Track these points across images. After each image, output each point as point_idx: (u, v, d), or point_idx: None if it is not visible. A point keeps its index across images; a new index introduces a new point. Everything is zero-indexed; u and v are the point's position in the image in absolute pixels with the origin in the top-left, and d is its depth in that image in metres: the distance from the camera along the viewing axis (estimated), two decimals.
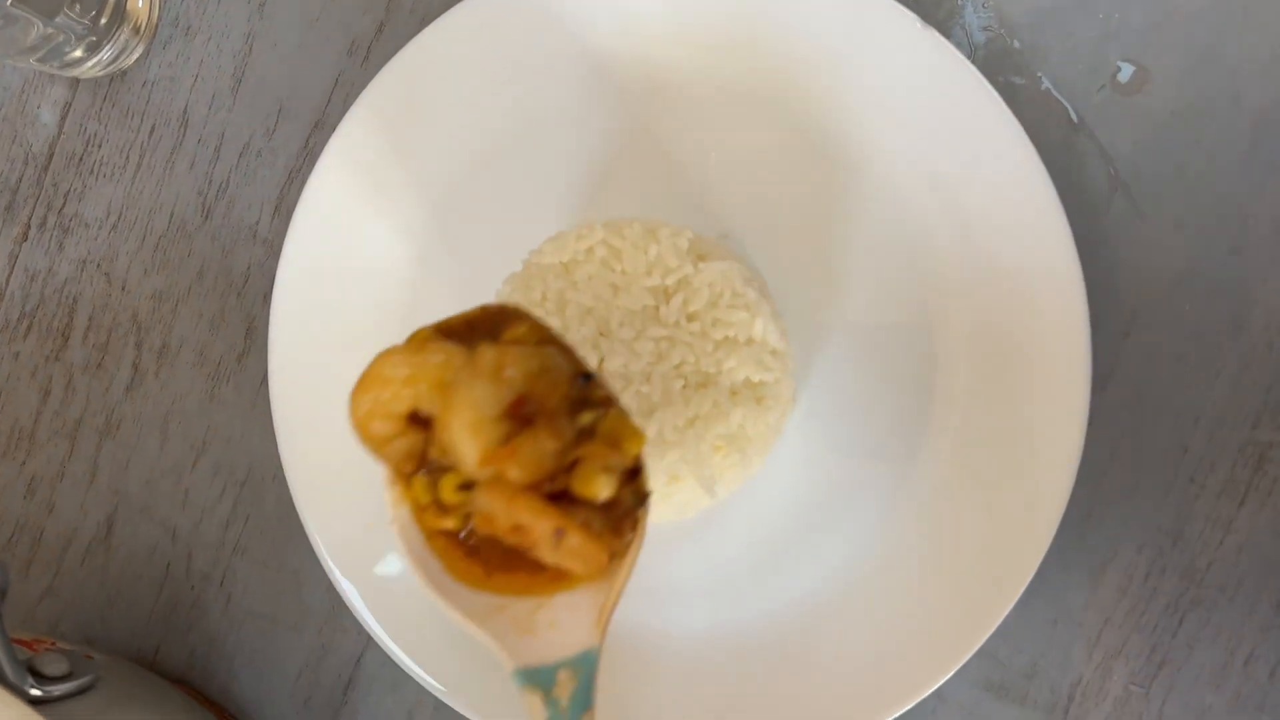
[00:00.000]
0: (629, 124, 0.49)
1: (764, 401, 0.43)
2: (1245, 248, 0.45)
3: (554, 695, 0.33)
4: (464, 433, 0.32)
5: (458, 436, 0.32)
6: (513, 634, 0.34)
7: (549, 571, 0.34)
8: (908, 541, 0.47)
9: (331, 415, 0.50)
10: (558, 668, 0.34)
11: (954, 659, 0.45)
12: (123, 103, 0.55)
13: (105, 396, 0.55)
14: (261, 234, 0.54)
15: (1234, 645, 0.45)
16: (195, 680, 0.54)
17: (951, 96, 0.45)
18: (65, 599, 0.56)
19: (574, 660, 0.34)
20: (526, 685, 0.33)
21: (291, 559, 0.53)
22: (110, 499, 0.55)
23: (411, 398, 0.34)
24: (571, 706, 0.33)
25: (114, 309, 0.55)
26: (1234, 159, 0.45)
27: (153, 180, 0.55)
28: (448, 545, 0.35)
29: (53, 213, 0.56)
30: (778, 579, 0.48)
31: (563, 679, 0.33)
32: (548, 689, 0.33)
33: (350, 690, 0.53)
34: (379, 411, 0.34)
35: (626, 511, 0.34)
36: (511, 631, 0.34)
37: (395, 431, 0.34)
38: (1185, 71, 0.46)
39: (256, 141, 0.54)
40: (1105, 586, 0.46)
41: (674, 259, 0.42)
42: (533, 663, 0.33)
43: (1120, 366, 0.46)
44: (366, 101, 0.49)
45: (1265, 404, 0.45)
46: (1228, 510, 0.45)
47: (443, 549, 0.35)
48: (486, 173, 0.50)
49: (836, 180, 0.47)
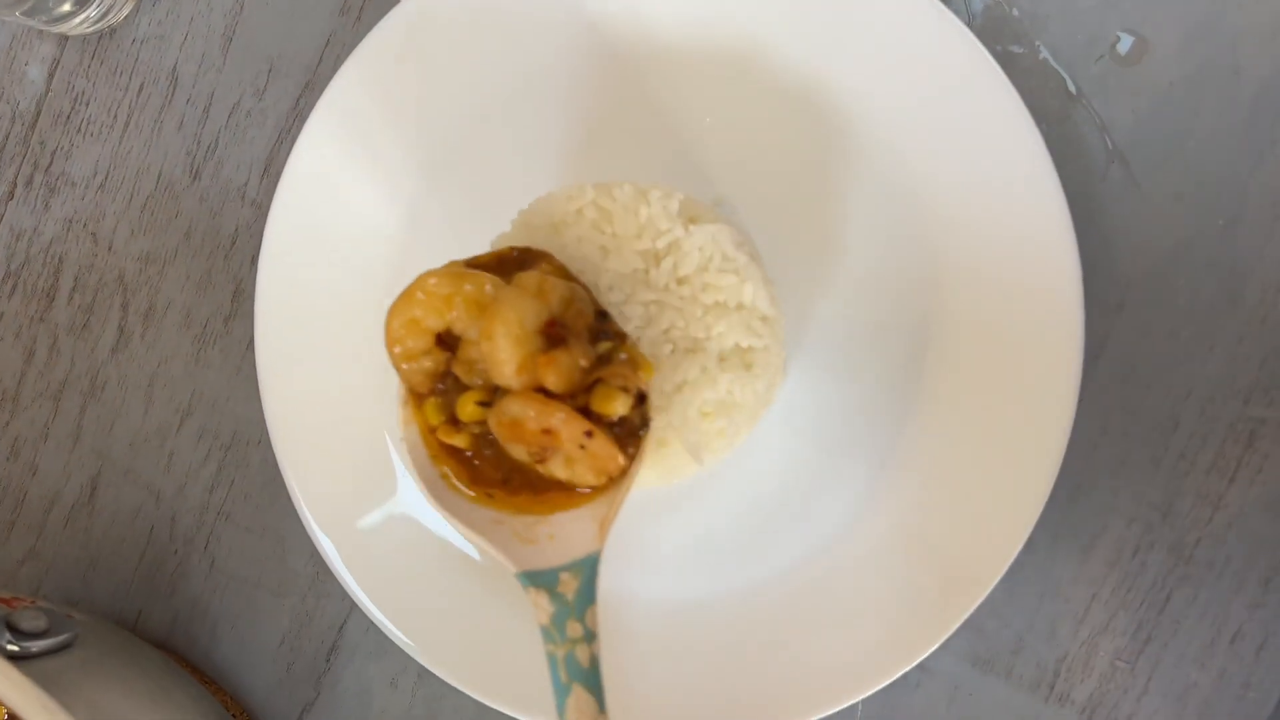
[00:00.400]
0: (623, 86, 0.48)
1: (753, 368, 0.42)
2: (1241, 221, 0.44)
3: (559, 591, 0.36)
4: (508, 340, 0.36)
5: (501, 344, 0.36)
6: (515, 543, 0.37)
7: (551, 494, 0.38)
8: (895, 513, 0.46)
9: (317, 379, 0.50)
10: (559, 570, 0.36)
11: (940, 631, 0.44)
12: (111, 60, 0.54)
13: (90, 358, 0.55)
14: (250, 195, 0.53)
15: (1221, 623, 0.44)
16: (177, 645, 0.54)
17: (949, 64, 0.44)
18: (47, 561, 0.55)
19: (575, 564, 0.36)
20: (531, 585, 0.36)
21: (276, 524, 0.53)
22: (94, 461, 0.55)
23: (447, 317, 0.37)
24: (577, 601, 0.36)
25: (100, 270, 0.55)
26: (1232, 131, 0.45)
27: (141, 140, 0.54)
28: (455, 464, 0.38)
29: (39, 171, 0.55)
30: (764, 549, 0.48)
31: (565, 579, 0.36)
32: (552, 588, 0.36)
33: (333, 656, 0.52)
34: (414, 328, 0.37)
35: (632, 431, 0.37)
36: (513, 541, 0.37)
37: (425, 348, 0.38)
38: (1184, 43, 0.45)
39: (246, 101, 0.53)
40: (1093, 561, 0.46)
41: (664, 221, 0.42)
42: (536, 567, 0.36)
43: (1113, 339, 0.46)
44: (357, 61, 0.49)
45: (1258, 380, 0.44)
46: (1217, 486, 0.44)
47: (451, 467, 0.38)
48: (478, 133, 0.49)
49: (832, 148, 0.47)
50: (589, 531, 0.37)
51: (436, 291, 0.37)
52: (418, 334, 0.38)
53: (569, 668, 0.35)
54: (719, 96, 0.48)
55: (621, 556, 0.49)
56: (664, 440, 0.42)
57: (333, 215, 0.50)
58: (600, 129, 0.49)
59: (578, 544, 0.37)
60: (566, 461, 0.37)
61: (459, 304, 0.37)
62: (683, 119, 0.48)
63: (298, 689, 0.53)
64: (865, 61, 0.46)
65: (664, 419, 0.42)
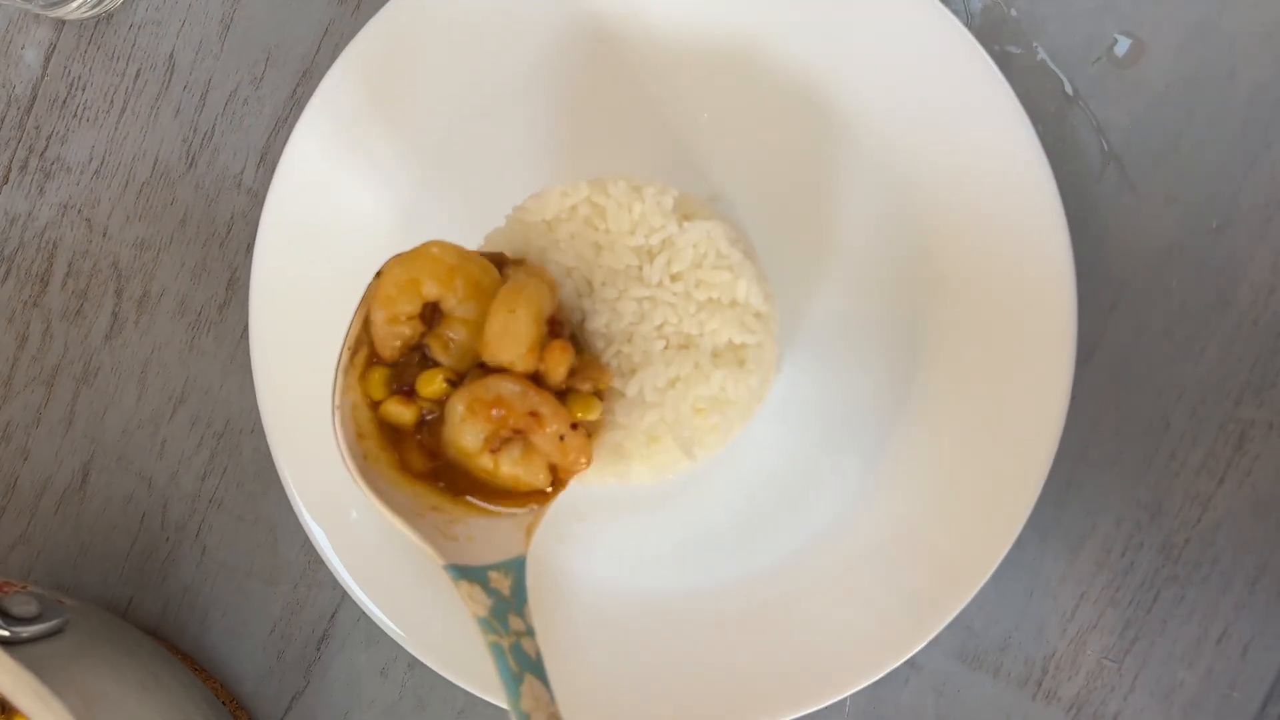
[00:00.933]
0: (620, 82, 0.48)
1: (746, 364, 0.43)
2: (1234, 223, 0.45)
3: (493, 587, 0.36)
4: (529, 319, 0.37)
5: (522, 321, 0.37)
6: (438, 536, 0.37)
7: (467, 494, 0.38)
8: (886, 510, 0.46)
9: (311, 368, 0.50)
10: (488, 569, 0.36)
11: (929, 628, 0.44)
12: (108, 45, 0.54)
13: (84, 344, 0.55)
14: (246, 183, 0.53)
15: (1208, 622, 0.45)
16: (168, 632, 0.54)
17: (946, 64, 0.44)
18: (38, 547, 0.55)
19: (504, 564, 0.37)
20: (462, 579, 0.36)
21: (268, 513, 0.53)
22: (86, 447, 0.55)
23: (447, 286, 0.38)
24: (514, 597, 0.36)
25: (94, 255, 0.55)
26: (1226, 134, 0.45)
27: (137, 126, 0.54)
28: (381, 446, 0.38)
29: (34, 155, 0.55)
30: (755, 545, 0.48)
31: (495, 577, 0.36)
32: (484, 583, 0.36)
33: (324, 645, 0.53)
34: (410, 289, 0.38)
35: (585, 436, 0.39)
36: (437, 534, 0.37)
37: (410, 314, 0.38)
38: (1181, 45, 0.45)
39: (243, 89, 0.53)
40: (1082, 560, 0.46)
41: (658, 218, 0.42)
42: (464, 563, 0.36)
43: (1105, 339, 0.46)
44: (355, 51, 0.49)
45: (1249, 381, 0.44)
46: (1207, 487, 0.45)
47: (376, 446, 0.38)
48: (474, 126, 0.49)
49: (828, 145, 0.47)
50: (514, 537, 0.37)
51: (443, 259, 0.38)
52: (410, 297, 0.38)
53: (517, 658, 0.35)
54: (716, 93, 0.48)
55: (612, 551, 0.49)
56: (656, 436, 0.42)
57: (328, 205, 0.50)
58: (597, 124, 0.49)
59: (502, 547, 0.37)
60: (523, 455, 0.38)
61: (460, 278, 0.38)
62: (679, 115, 0.48)
63: (288, 677, 0.53)
64: (863, 60, 0.46)
65: (657, 414, 0.42)
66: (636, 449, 0.43)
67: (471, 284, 0.38)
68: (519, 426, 0.37)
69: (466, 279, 0.38)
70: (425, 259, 0.38)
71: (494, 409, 0.37)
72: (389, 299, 0.38)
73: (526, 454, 0.38)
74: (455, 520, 0.38)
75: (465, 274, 0.38)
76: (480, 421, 0.37)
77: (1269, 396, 0.44)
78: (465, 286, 0.38)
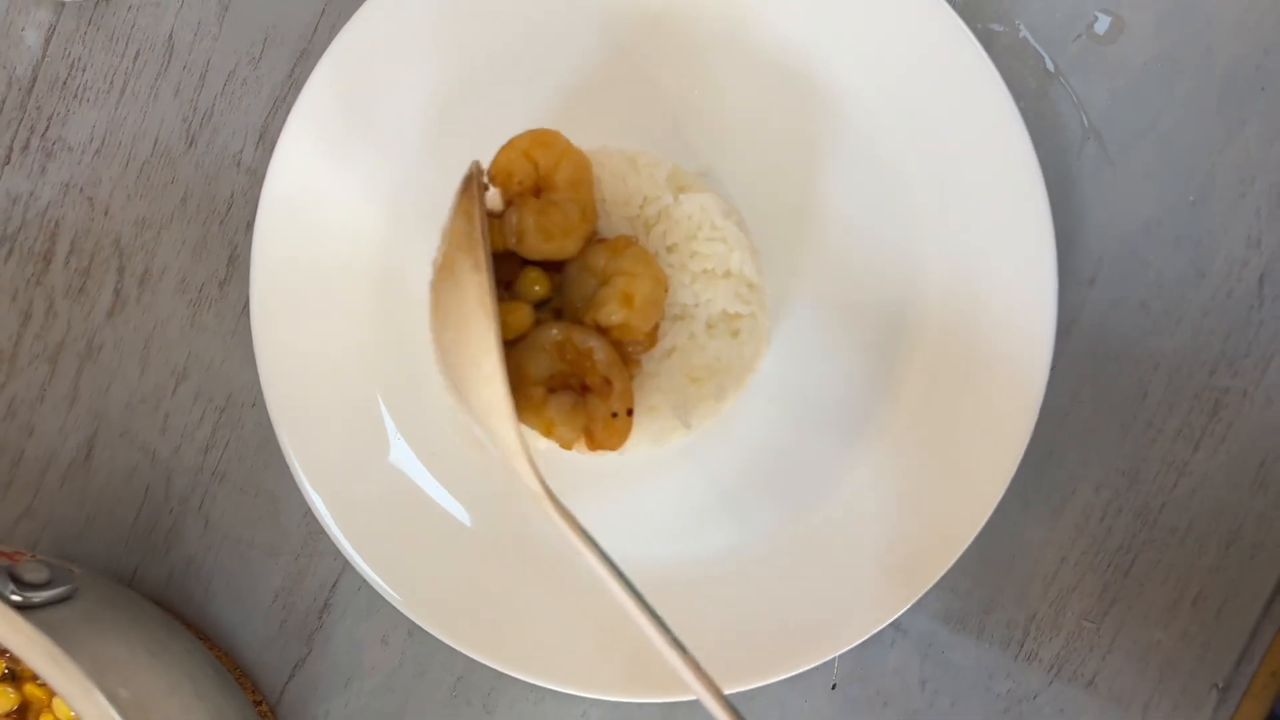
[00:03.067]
0: (615, 56, 0.49)
1: (739, 335, 0.44)
2: (1209, 198, 0.46)
3: None
4: (660, 302, 0.41)
5: (656, 301, 0.41)
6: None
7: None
8: (873, 477, 0.48)
9: (311, 342, 0.51)
10: None
11: (914, 591, 0.46)
12: (107, 26, 0.55)
13: (86, 321, 0.56)
14: (245, 162, 0.54)
15: (1183, 585, 0.46)
16: (173, 602, 0.55)
17: (931, 42, 0.46)
18: (43, 519, 0.56)
19: None
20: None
21: (269, 485, 0.54)
22: (90, 422, 0.56)
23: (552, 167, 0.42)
24: None
25: (96, 234, 0.55)
26: (1203, 110, 0.46)
27: (137, 106, 0.55)
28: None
29: (36, 136, 0.56)
30: (746, 513, 0.49)
31: None
32: None
33: (325, 615, 0.54)
34: (525, 161, 0.42)
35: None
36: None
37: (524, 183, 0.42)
38: (1160, 23, 0.46)
39: (242, 69, 0.54)
40: (1063, 525, 0.47)
41: (652, 189, 0.43)
42: None
43: (1085, 312, 0.47)
44: (351, 31, 0.49)
45: (1223, 351, 0.46)
46: (1183, 454, 0.46)
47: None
48: (472, 99, 0.50)
49: (816, 123, 0.48)
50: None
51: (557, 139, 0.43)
52: (524, 169, 0.42)
53: None
54: (706, 70, 0.49)
55: (608, 519, 0.50)
56: (654, 406, 0.43)
57: (327, 182, 0.51)
58: (595, 98, 0.50)
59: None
60: (573, 409, 0.40)
61: (567, 162, 0.42)
62: (670, 92, 0.49)
63: (290, 646, 0.54)
64: (850, 38, 0.47)
65: (653, 384, 0.43)
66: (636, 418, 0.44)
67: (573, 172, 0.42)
68: (589, 384, 0.40)
69: (573, 164, 0.42)
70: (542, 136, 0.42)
71: (580, 358, 0.40)
72: (504, 170, 0.42)
73: (574, 410, 0.40)
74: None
75: (573, 159, 0.42)
76: (558, 362, 0.40)
77: (1242, 366, 0.46)
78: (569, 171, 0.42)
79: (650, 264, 0.41)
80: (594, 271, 0.41)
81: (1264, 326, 0.46)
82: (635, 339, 0.41)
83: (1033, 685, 0.47)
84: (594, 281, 0.41)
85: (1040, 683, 0.47)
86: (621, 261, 0.41)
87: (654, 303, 0.41)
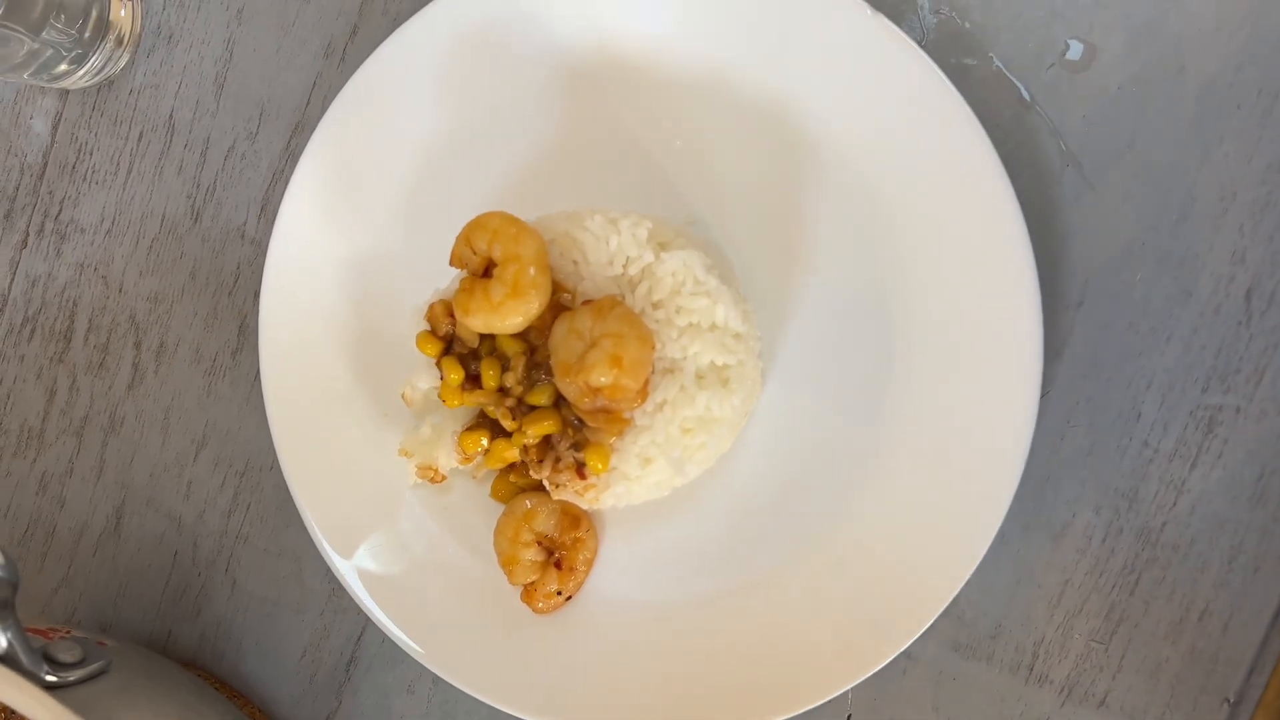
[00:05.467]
0: (594, 115, 0.50)
1: (729, 384, 0.45)
2: (1191, 216, 0.46)
3: None
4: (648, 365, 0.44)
5: (645, 363, 0.43)
6: None
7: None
8: (875, 509, 0.48)
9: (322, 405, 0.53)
10: None
11: (922, 620, 0.46)
12: (111, 111, 0.57)
13: (108, 395, 0.58)
14: (249, 234, 0.56)
15: (1188, 601, 0.47)
16: (206, 662, 0.57)
17: (901, 79, 0.46)
18: (79, 589, 0.58)
19: None
20: None
21: (291, 544, 0.56)
22: (118, 492, 0.58)
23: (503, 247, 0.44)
24: None
25: (112, 311, 0.57)
26: (1179, 131, 0.46)
27: (143, 185, 0.57)
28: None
29: (50, 219, 0.58)
30: (752, 550, 0.50)
31: None
32: None
33: (352, 667, 0.55)
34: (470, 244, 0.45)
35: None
36: None
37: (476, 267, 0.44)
38: (1131, 46, 0.47)
39: (240, 144, 0.56)
40: (1065, 548, 0.48)
41: (634, 248, 0.44)
42: None
43: (1075, 335, 0.48)
44: (343, 103, 0.51)
45: (1215, 368, 0.46)
46: (1180, 472, 0.46)
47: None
48: (459, 163, 0.52)
49: (798, 167, 0.49)
50: None
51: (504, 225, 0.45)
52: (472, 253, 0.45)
53: None
54: (687, 120, 0.50)
55: (614, 563, 0.51)
56: (649, 458, 0.44)
57: (328, 248, 0.53)
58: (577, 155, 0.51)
59: None
60: (535, 566, 0.48)
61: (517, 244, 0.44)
62: (655, 144, 0.50)
63: (320, 699, 0.56)
64: (822, 82, 0.48)
65: (648, 437, 0.44)
66: (632, 470, 0.45)
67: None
68: (560, 559, 0.50)
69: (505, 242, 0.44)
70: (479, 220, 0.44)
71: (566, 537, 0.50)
72: (457, 257, 0.45)
73: (538, 568, 0.50)
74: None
75: (506, 238, 0.44)
76: (553, 526, 0.50)
77: (1234, 382, 0.46)
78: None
79: (636, 324, 0.42)
80: (581, 334, 0.42)
81: (1253, 341, 0.46)
82: (626, 397, 0.42)
83: (1045, 708, 0.48)
84: (582, 344, 0.42)
85: (1052, 705, 0.48)
86: (608, 323, 0.42)
87: (642, 362, 0.42)
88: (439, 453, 0.49)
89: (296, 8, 0.55)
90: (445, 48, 0.51)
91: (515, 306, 0.42)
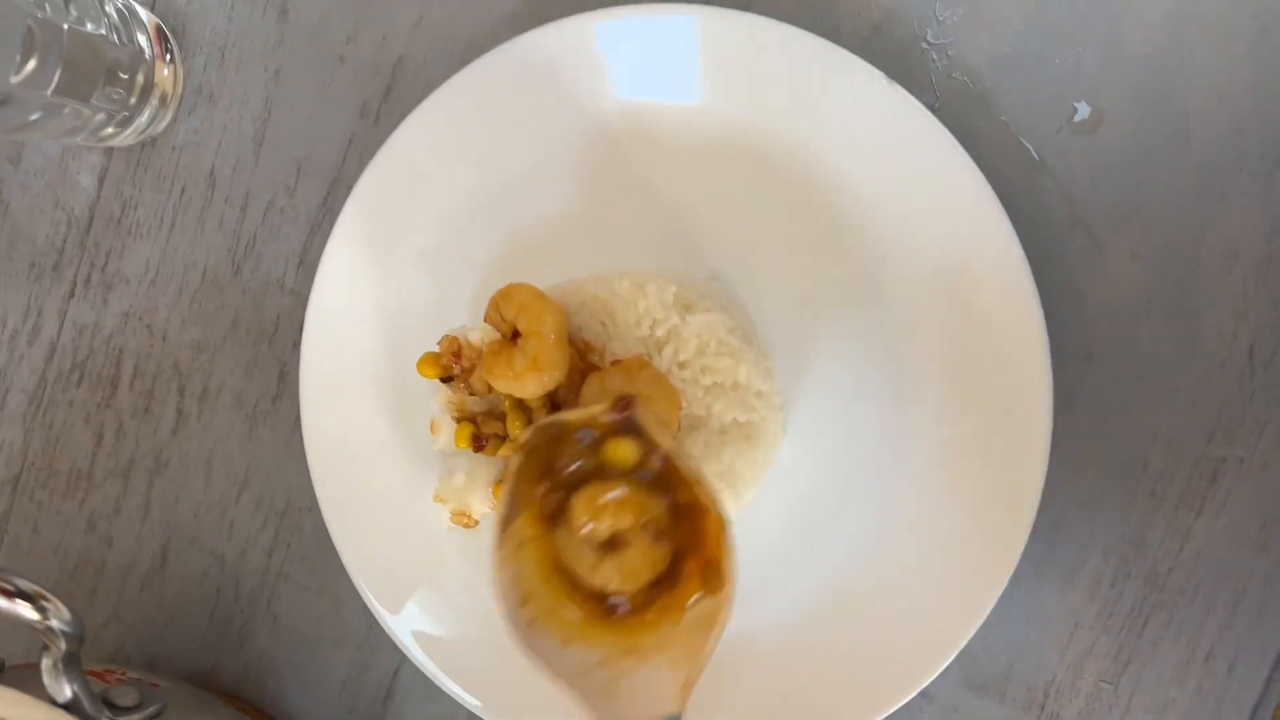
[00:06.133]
0: (619, 176, 0.52)
1: (752, 439, 0.47)
2: (1196, 274, 0.48)
3: None
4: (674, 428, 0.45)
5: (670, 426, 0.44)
6: (598, 697, 0.38)
7: (644, 619, 0.39)
8: (892, 554, 0.50)
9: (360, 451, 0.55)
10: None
11: (937, 661, 0.48)
12: (154, 167, 0.59)
13: (153, 439, 0.60)
14: (288, 285, 0.58)
15: (1195, 644, 0.48)
16: (249, 694, 0.59)
17: (915, 145, 0.48)
18: (128, 624, 0.61)
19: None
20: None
21: (330, 582, 0.58)
22: (163, 532, 0.60)
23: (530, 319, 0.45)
24: None
25: (157, 358, 0.60)
26: (1184, 193, 0.48)
27: (186, 238, 0.59)
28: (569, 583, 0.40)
29: (96, 270, 0.60)
30: (772, 592, 0.52)
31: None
32: None
33: (389, 701, 0.58)
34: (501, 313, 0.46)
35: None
36: (597, 694, 0.38)
37: (505, 330, 0.46)
38: (1138, 110, 0.48)
39: (279, 200, 0.58)
40: (1075, 592, 0.50)
41: (661, 311, 0.46)
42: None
43: (1084, 389, 0.49)
44: (379, 163, 0.53)
45: (1219, 421, 0.48)
46: (1186, 520, 0.48)
47: (563, 588, 0.40)
48: (489, 221, 0.54)
49: (814, 225, 0.51)
50: (671, 690, 0.39)
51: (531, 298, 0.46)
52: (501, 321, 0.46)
53: None
54: (711, 183, 0.51)
55: None
56: None
57: (364, 300, 0.55)
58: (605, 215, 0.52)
59: (660, 704, 0.38)
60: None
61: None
62: (679, 204, 0.52)
63: None
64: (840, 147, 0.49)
65: None
66: None
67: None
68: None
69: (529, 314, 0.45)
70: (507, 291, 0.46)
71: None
72: (490, 319, 0.46)
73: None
74: (620, 675, 0.39)
75: (530, 310, 0.45)
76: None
77: (1238, 434, 0.48)
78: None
79: (664, 384, 0.44)
80: (611, 394, 0.44)
81: (1256, 395, 0.48)
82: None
83: None
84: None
85: None
86: (637, 383, 0.44)
87: (670, 420, 0.44)
88: (472, 499, 0.51)
89: (332, 69, 0.57)
90: (475, 110, 0.53)
91: (534, 379, 0.44)
